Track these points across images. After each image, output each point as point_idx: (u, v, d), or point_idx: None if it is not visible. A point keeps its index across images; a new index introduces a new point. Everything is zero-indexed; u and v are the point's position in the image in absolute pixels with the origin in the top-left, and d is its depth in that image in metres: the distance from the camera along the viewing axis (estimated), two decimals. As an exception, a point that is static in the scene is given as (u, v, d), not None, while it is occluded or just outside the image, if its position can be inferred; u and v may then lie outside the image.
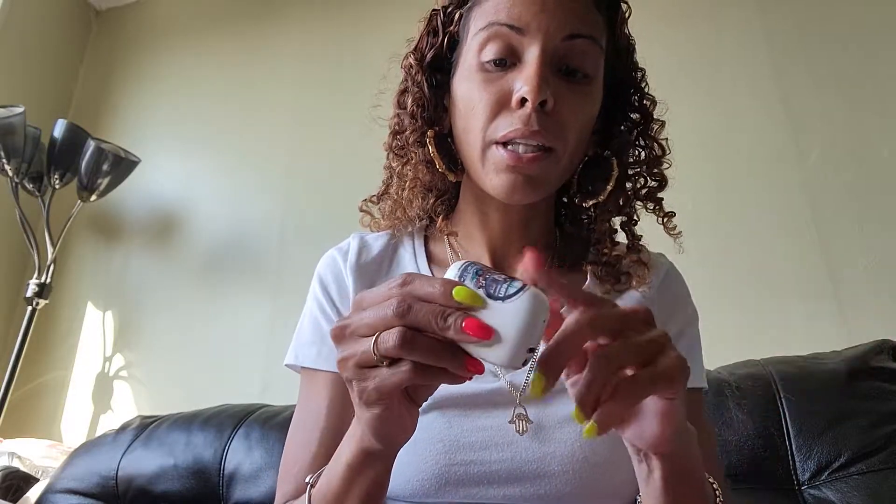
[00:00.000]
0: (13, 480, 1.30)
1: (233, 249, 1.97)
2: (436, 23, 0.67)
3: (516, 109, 0.58)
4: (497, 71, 0.60)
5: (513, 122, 0.58)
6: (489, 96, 0.59)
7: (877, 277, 1.35)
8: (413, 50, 0.69)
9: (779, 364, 1.02)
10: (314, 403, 0.64)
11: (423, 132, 0.66)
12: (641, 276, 0.67)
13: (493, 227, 0.69)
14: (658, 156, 0.68)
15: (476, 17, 0.63)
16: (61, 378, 2.00)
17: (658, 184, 0.69)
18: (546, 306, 0.37)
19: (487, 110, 0.59)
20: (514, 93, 0.58)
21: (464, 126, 0.63)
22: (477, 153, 0.61)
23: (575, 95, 0.60)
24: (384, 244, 0.73)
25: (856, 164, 1.45)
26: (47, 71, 2.32)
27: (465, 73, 0.63)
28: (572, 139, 0.60)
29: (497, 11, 0.60)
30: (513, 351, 0.36)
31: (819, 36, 1.57)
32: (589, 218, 0.71)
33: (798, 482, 0.92)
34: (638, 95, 0.69)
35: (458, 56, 0.66)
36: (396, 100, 0.70)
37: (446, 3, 0.67)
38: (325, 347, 0.66)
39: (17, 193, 1.85)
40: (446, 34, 0.66)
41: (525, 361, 0.37)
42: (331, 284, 0.70)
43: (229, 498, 1.10)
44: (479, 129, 0.60)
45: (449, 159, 0.67)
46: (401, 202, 0.70)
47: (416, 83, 0.67)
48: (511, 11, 0.59)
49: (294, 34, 2.17)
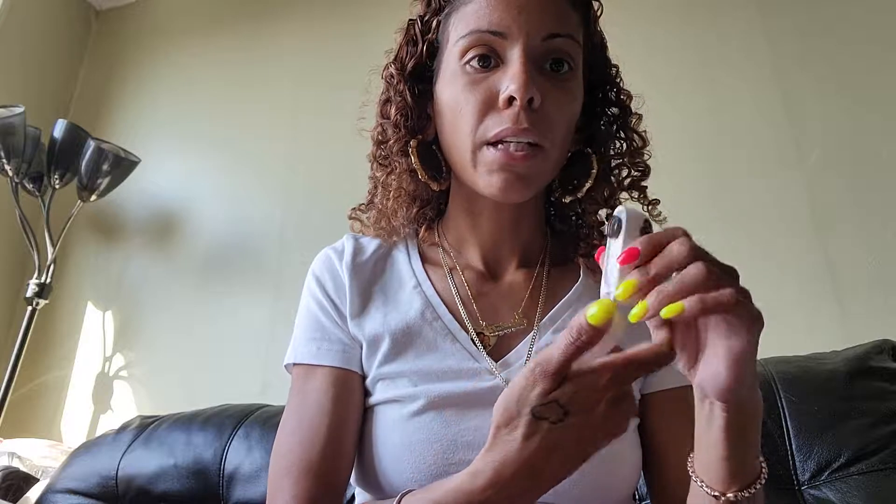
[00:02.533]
0: (13, 480, 1.30)
1: (233, 249, 1.97)
2: (414, 32, 0.68)
3: (504, 109, 0.59)
4: (481, 72, 0.60)
5: (502, 121, 0.58)
6: (476, 98, 0.60)
7: (877, 277, 1.35)
8: (393, 60, 0.69)
9: (779, 364, 1.02)
10: (315, 400, 0.63)
11: (406, 142, 0.67)
12: None
13: (485, 228, 0.70)
14: (639, 147, 0.70)
15: (455, 23, 0.63)
16: (61, 378, 2.00)
17: (641, 173, 0.70)
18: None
19: (475, 112, 0.60)
20: (501, 93, 0.59)
21: (451, 130, 0.63)
22: (467, 156, 0.62)
23: (559, 92, 0.61)
24: (378, 246, 0.73)
25: (856, 164, 1.45)
26: (47, 71, 2.32)
27: (448, 78, 0.64)
28: (559, 135, 0.61)
29: (478, 18, 0.60)
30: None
31: (819, 36, 1.57)
32: (577, 213, 0.72)
33: (798, 482, 0.92)
34: (615, 90, 0.71)
35: (440, 63, 0.66)
36: (379, 110, 0.71)
37: (423, 13, 0.68)
38: (326, 343, 0.66)
39: (17, 193, 1.85)
40: (425, 42, 0.67)
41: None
42: (327, 281, 0.70)
43: (229, 498, 1.10)
44: (468, 131, 0.61)
45: (433, 168, 0.68)
46: (385, 212, 0.70)
47: (398, 93, 0.67)
48: (492, 17, 0.60)
49: (294, 34, 2.17)
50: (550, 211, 0.76)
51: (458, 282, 0.69)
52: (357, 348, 0.66)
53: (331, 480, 0.60)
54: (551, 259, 0.72)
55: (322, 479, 0.60)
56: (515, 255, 0.71)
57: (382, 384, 0.64)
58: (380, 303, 0.68)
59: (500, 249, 0.70)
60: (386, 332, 0.65)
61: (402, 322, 0.65)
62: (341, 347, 0.66)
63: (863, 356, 0.99)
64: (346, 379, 0.64)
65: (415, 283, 0.69)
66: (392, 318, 0.66)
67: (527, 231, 0.71)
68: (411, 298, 0.67)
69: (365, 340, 0.66)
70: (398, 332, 0.65)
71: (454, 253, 0.71)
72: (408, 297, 0.68)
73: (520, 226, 0.70)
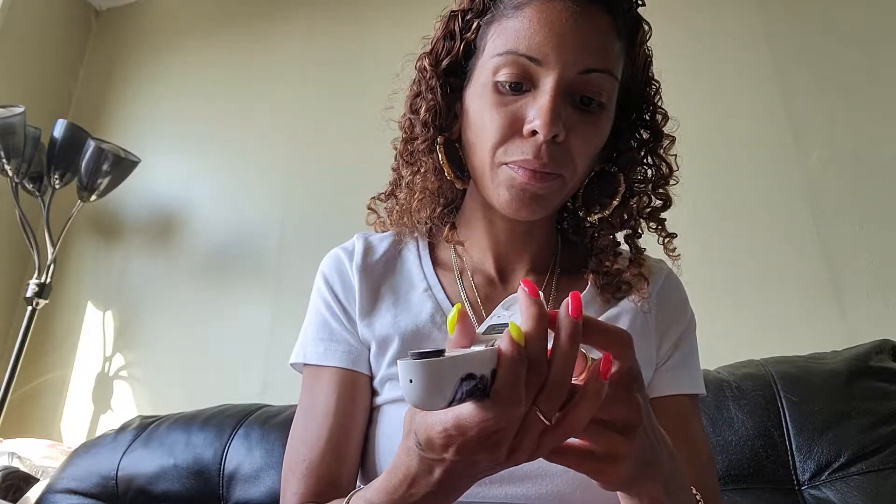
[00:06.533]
0: (13, 480, 1.30)
1: (233, 249, 1.97)
2: (453, 28, 0.66)
3: (527, 138, 0.58)
4: (511, 95, 0.59)
5: (524, 150, 0.58)
6: (501, 120, 0.59)
7: (877, 277, 1.35)
8: (428, 52, 0.67)
9: (779, 364, 1.02)
10: (321, 400, 0.64)
11: (433, 139, 0.66)
12: (640, 289, 0.67)
13: (499, 233, 0.70)
14: (665, 174, 0.68)
15: (495, 34, 0.62)
16: (61, 378, 2.00)
17: (662, 203, 0.69)
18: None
19: (498, 133, 0.59)
20: (527, 122, 0.58)
21: (474, 140, 0.63)
22: (486, 169, 0.61)
23: (586, 126, 0.60)
24: (388, 246, 0.73)
25: (856, 164, 1.45)
26: (47, 71, 2.32)
27: (478, 88, 0.62)
28: (581, 166, 0.61)
29: (517, 39, 0.59)
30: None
31: (820, 36, 1.57)
32: (592, 227, 0.71)
33: (798, 482, 0.92)
34: (651, 111, 0.68)
35: (474, 67, 0.65)
36: (409, 103, 0.69)
37: (465, 8, 0.65)
38: (333, 344, 0.67)
39: (17, 193, 1.85)
40: (464, 40, 0.65)
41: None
42: (336, 283, 0.70)
43: (229, 498, 1.10)
44: (488, 149, 0.60)
45: (457, 166, 0.67)
46: (409, 210, 0.69)
47: (430, 88, 0.66)
48: (531, 41, 0.58)
49: (294, 34, 2.17)
50: (564, 217, 0.75)
51: (468, 286, 0.69)
52: (364, 350, 0.67)
53: (334, 479, 0.61)
54: (561, 267, 0.72)
55: (325, 478, 0.61)
56: (526, 261, 0.71)
57: (391, 384, 0.64)
58: (390, 303, 0.68)
59: (512, 255, 0.70)
60: (396, 334, 0.65)
61: (412, 324, 0.66)
62: (348, 349, 0.66)
63: (863, 356, 0.99)
64: (352, 380, 0.65)
65: (425, 286, 0.69)
66: (402, 319, 0.66)
67: (540, 238, 0.71)
68: (422, 301, 0.67)
69: (375, 340, 0.66)
70: (408, 334, 0.65)
71: (466, 255, 0.71)
72: (418, 299, 0.68)
73: (533, 233, 0.70)
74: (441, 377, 0.33)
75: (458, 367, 0.34)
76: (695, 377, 0.68)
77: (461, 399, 0.35)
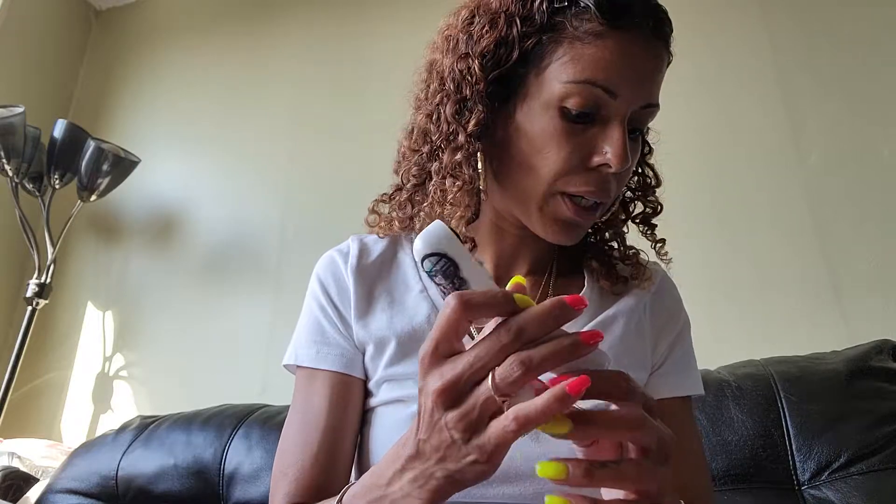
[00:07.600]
0: (13, 480, 1.30)
1: (233, 249, 1.97)
2: (508, 35, 0.60)
3: (593, 168, 0.59)
4: (578, 123, 0.58)
5: (588, 181, 0.59)
6: (568, 150, 0.58)
7: (877, 277, 1.35)
8: (479, 54, 0.61)
9: (779, 364, 1.02)
10: (313, 403, 0.64)
11: (476, 151, 0.62)
12: (638, 277, 0.69)
13: (508, 241, 0.70)
14: (651, 185, 0.71)
15: (566, 58, 0.58)
16: (61, 378, 2.00)
17: (653, 210, 0.71)
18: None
19: (566, 163, 0.58)
20: (596, 154, 0.58)
21: (525, 163, 0.60)
22: (536, 197, 0.61)
23: (633, 155, 0.61)
24: (384, 247, 0.73)
25: (856, 165, 1.45)
26: (47, 71, 2.32)
27: (537, 109, 0.59)
28: (620, 191, 0.63)
29: (595, 68, 0.57)
30: None
31: (820, 37, 1.57)
32: (589, 231, 0.72)
33: (798, 482, 0.92)
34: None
35: (527, 81, 0.61)
36: (453, 110, 0.62)
37: (521, 14, 0.60)
38: (325, 347, 0.66)
39: (17, 193, 1.85)
40: (522, 50, 0.60)
41: None
42: (331, 285, 0.70)
43: (229, 498, 1.10)
44: (547, 177, 0.59)
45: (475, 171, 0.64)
46: (431, 217, 0.66)
47: (478, 95, 0.61)
48: (609, 72, 0.57)
49: (294, 34, 2.17)
50: None
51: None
52: (359, 353, 0.67)
53: (325, 483, 0.61)
54: (558, 268, 0.72)
55: (316, 481, 0.61)
56: (526, 264, 0.71)
57: (388, 385, 0.64)
58: (385, 304, 0.68)
59: (513, 259, 0.71)
60: (392, 335, 0.65)
61: (408, 326, 0.65)
62: (341, 352, 0.66)
63: (863, 356, 0.99)
64: (345, 383, 0.65)
65: (421, 288, 0.68)
66: (398, 321, 0.66)
67: (540, 243, 0.71)
68: (417, 303, 0.67)
69: (371, 342, 0.66)
70: (404, 335, 0.65)
71: None
72: (414, 301, 0.67)
73: (537, 240, 0.70)
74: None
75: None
76: (692, 378, 0.68)
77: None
